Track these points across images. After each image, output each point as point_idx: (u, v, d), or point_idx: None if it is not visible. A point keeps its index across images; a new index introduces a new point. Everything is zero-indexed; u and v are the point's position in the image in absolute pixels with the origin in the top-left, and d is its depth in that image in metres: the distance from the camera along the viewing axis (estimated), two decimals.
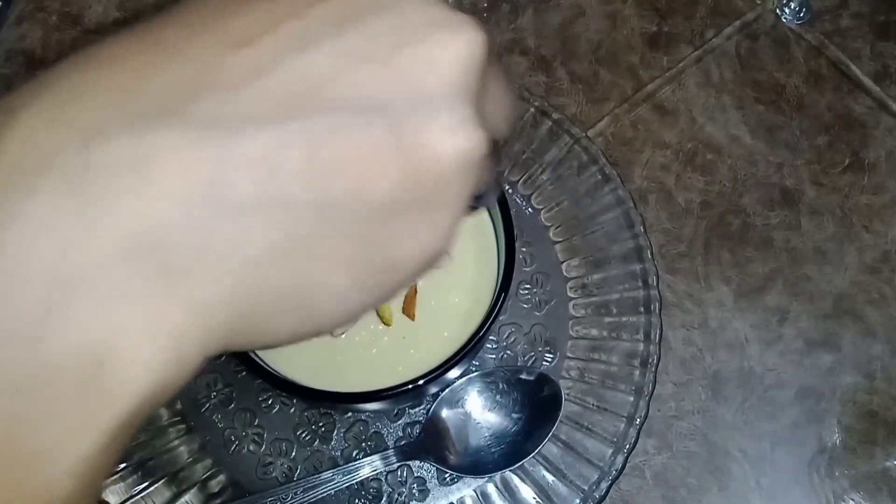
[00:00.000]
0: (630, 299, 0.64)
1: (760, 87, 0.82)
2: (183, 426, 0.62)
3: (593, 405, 0.62)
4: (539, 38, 0.83)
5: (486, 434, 0.63)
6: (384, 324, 0.59)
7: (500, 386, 0.64)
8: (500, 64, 0.33)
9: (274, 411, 0.63)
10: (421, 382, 0.55)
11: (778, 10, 0.86)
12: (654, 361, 0.65)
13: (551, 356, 0.65)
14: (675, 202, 0.76)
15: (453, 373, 0.58)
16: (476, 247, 0.63)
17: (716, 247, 0.74)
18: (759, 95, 0.81)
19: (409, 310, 0.60)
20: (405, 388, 0.55)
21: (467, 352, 0.56)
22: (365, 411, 0.66)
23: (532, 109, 0.73)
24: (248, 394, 0.63)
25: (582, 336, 0.65)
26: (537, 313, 0.69)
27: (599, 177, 0.68)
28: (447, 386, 0.63)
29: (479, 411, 0.64)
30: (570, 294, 0.67)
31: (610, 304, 0.65)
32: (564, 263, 0.67)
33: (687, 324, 0.72)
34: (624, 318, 0.64)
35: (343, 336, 0.59)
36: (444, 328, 0.60)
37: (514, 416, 0.64)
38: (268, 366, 0.57)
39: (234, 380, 0.63)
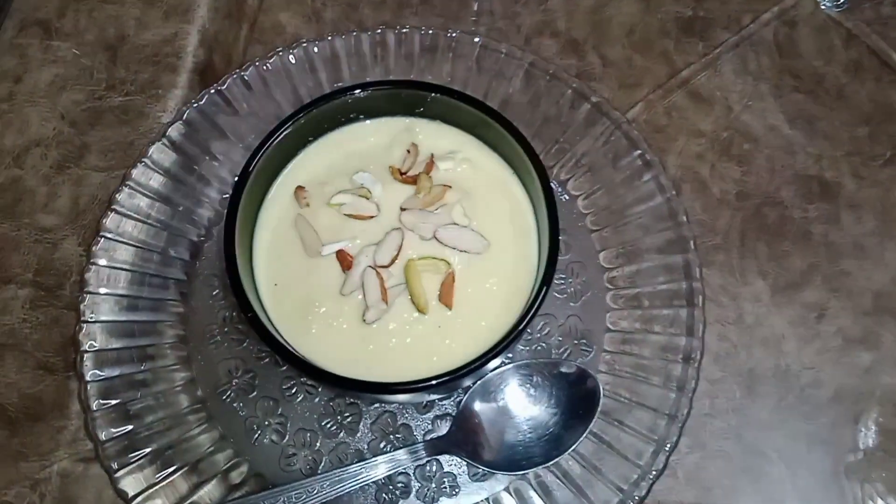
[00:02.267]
0: (671, 292, 0.60)
1: (799, 76, 0.76)
2: (203, 414, 0.58)
3: (632, 401, 0.58)
4: (570, 20, 0.78)
5: (521, 429, 0.58)
6: (419, 311, 0.54)
7: (536, 379, 0.59)
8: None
9: (298, 400, 0.59)
10: (458, 375, 0.50)
11: None
12: (698, 357, 0.60)
13: (587, 349, 0.61)
14: (710, 192, 0.71)
15: (490, 365, 0.53)
16: (514, 231, 0.58)
17: (752, 239, 0.68)
18: (798, 84, 0.76)
19: (446, 298, 0.55)
20: (442, 379, 0.50)
21: (507, 343, 0.51)
22: (393, 402, 0.61)
23: (569, 91, 0.67)
24: (270, 381, 0.59)
25: (620, 329, 0.61)
26: (573, 304, 0.64)
27: (640, 163, 0.64)
28: (481, 377, 0.57)
29: (513, 405, 0.58)
30: (608, 285, 0.63)
31: (650, 296, 0.61)
32: (602, 253, 0.64)
33: (721, 319, 0.67)
34: (664, 312, 0.60)
35: (375, 324, 0.55)
36: (481, 317, 0.55)
37: (551, 410, 0.59)
38: (295, 351, 0.52)
39: (257, 366, 0.60)
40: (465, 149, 0.58)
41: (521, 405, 0.58)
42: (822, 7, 0.78)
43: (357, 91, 0.56)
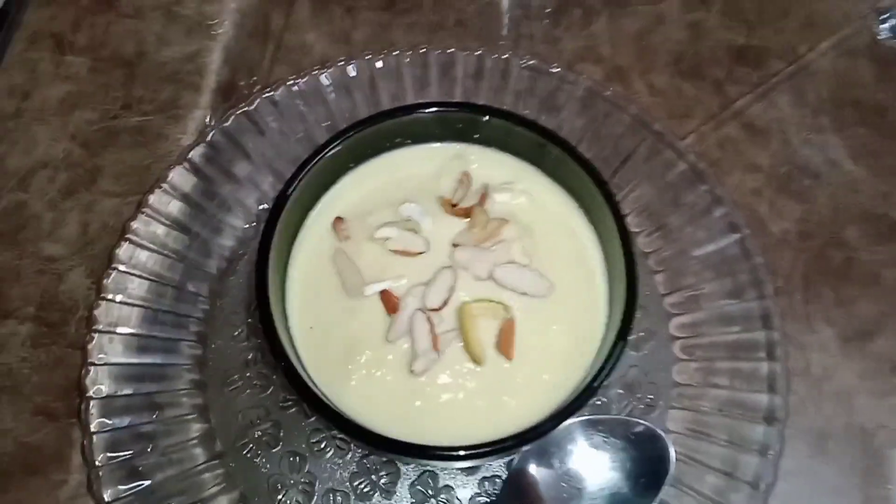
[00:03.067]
0: (747, 342, 0.55)
1: (861, 108, 0.71)
2: (221, 471, 0.52)
3: (706, 465, 0.51)
4: (614, 46, 0.73)
5: (583, 497, 0.51)
6: (474, 362, 0.48)
7: (600, 439, 0.51)
8: None
9: (327, 455, 0.53)
10: (519, 441, 0.44)
11: (875, 28, 0.74)
12: (783, 417, 0.53)
13: (652, 405, 0.55)
14: (769, 232, 0.65)
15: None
16: (578, 272, 0.52)
17: (816, 283, 0.62)
18: (860, 117, 0.70)
19: (504, 347, 0.49)
20: (500, 446, 0.44)
21: (577, 405, 0.45)
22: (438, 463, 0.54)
23: (628, 118, 0.62)
24: (297, 433, 0.54)
25: (689, 383, 0.55)
26: (634, 353, 0.57)
27: (709, 198, 0.58)
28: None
29: (576, 468, 0.50)
30: (674, 332, 0.57)
31: (723, 346, 0.55)
32: (667, 297, 0.58)
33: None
34: (741, 365, 0.54)
35: (424, 375, 0.49)
36: (543, 370, 0.49)
37: (616, 475, 0.51)
38: (334, 406, 0.46)
39: (282, 416, 0.54)
40: (522, 179, 0.54)
41: (584, 469, 0.51)
42: (880, 38, 0.74)
43: (404, 113, 0.52)
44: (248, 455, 0.53)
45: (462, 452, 0.43)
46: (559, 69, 0.62)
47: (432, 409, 0.47)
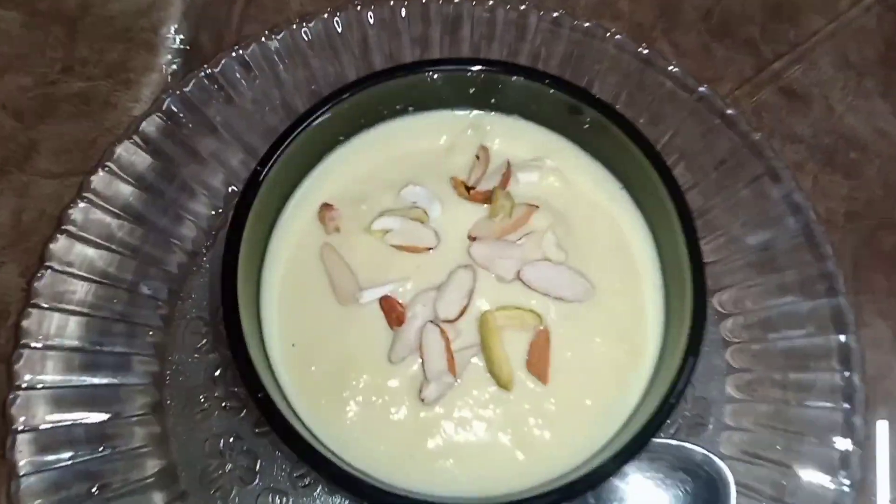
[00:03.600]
0: (817, 348, 0.50)
1: None
2: None
3: (774, 499, 0.47)
4: (634, 0, 0.67)
5: None
6: (500, 387, 0.43)
7: (643, 469, 0.45)
8: None
9: (315, 493, 0.48)
10: (564, 495, 0.37)
11: None
12: (862, 440, 0.47)
13: (702, 424, 0.50)
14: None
15: None
16: (623, 269, 0.46)
17: (867, 270, 0.58)
18: None
19: (537, 366, 0.43)
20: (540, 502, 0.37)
21: (640, 443, 0.37)
22: None
23: (668, 81, 0.56)
24: (277, 466, 0.49)
25: (744, 397, 0.50)
26: None
27: (766, 176, 0.54)
28: None
29: None
30: (727, 336, 0.52)
31: (786, 353, 0.50)
32: (717, 294, 0.52)
33: None
34: (808, 375, 0.49)
35: (438, 405, 0.43)
36: (585, 394, 0.43)
37: None
38: (319, 443, 0.40)
39: (258, 444, 0.49)
40: (552, 154, 0.49)
41: None
42: None
43: (407, 73, 0.47)
44: (218, 495, 0.48)
45: None
46: (588, 23, 0.58)
47: (448, 449, 0.42)
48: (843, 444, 0.47)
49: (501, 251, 0.45)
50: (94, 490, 0.46)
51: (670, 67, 0.57)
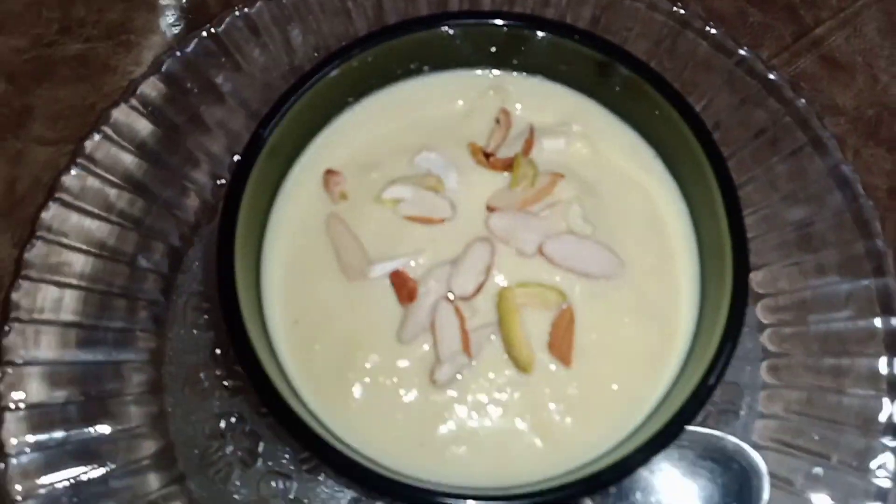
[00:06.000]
0: (861, 331, 0.48)
1: None
2: (182, 501, 0.46)
3: (807, 493, 0.45)
4: None
5: None
6: (519, 369, 0.41)
7: (683, 460, 0.43)
8: None
9: (320, 478, 0.47)
10: (585, 487, 0.35)
11: None
12: None
13: (734, 411, 0.48)
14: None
15: None
16: (656, 244, 0.44)
17: None
18: None
19: (560, 348, 0.40)
20: (558, 495, 0.35)
21: (671, 434, 0.35)
22: None
23: (705, 43, 0.53)
24: (280, 448, 0.48)
25: (780, 383, 0.49)
26: None
27: (810, 147, 0.51)
28: None
29: (638, 497, 0.43)
30: (761, 318, 0.50)
31: (827, 336, 0.48)
32: (755, 273, 0.50)
33: None
34: (850, 361, 0.47)
35: (451, 388, 0.41)
36: (612, 378, 0.41)
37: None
38: (324, 427, 0.39)
39: (261, 425, 0.48)
40: (580, 118, 0.47)
41: (652, 497, 0.43)
42: None
43: (421, 28, 0.44)
44: (218, 477, 0.47)
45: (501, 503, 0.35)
46: None
47: (461, 435, 0.40)
48: (883, 434, 0.45)
49: (523, 223, 0.44)
50: (87, 471, 0.45)
51: (707, 28, 0.54)
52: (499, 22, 0.45)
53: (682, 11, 0.55)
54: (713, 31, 0.54)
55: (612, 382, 0.41)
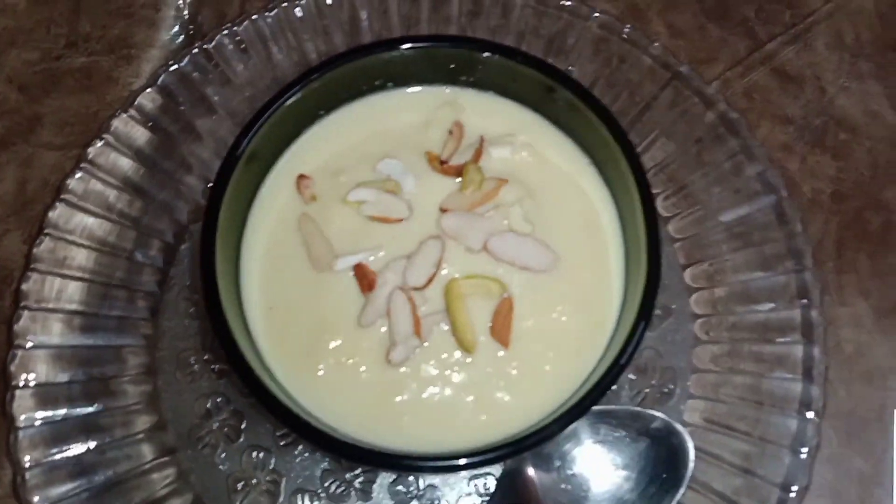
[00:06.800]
0: (781, 321, 0.50)
1: None
2: (172, 470, 0.49)
3: (731, 465, 0.48)
4: None
5: (586, 500, 0.46)
6: (463, 350, 0.44)
7: (606, 435, 0.47)
8: None
9: (295, 451, 0.49)
10: (516, 448, 0.39)
11: None
12: (820, 410, 0.47)
13: (668, 393, 0.51)
14: (800, 191, 0.60)
15: None
16: (589, 242, 0.47)
17: (851, 250, 0.58)
18: None
19: (500, 332, 0.44)
20: (493, 454, 0.39)
21: (587, 404, 0.39)
22: None
23: (648, 60, 0.55)
24: (261, 425, 0.50)
25: (711, 368, 0.51)
26: (649, 333, 0.50)
27: (741, 154, 0.54)
28: None
29: (580, 467, 0.46)
30: (695, 310, 0.53)
31: (752, 326, 0.51)
32: (689, 269, 0.53)
33: None
34: (772, 348, 0.50)
35: (404, 366, 0.44)
36: (545, 359, 0.44)
37: (624, 475, 0.46)
38: (293, 401, 0.41)
39: (244, 405, 0.50)
40: (525, 130, 0.50)
41: (589, 468, 0.46)
42: None
43: (384, 49, 0.47)
44: (205, 450, 0.50)
45: (446, 463, 0.38)
46: (570, 2, 0.57)
47: (413, 407, 0.43)
48: (801, 414, 0.48)
49: (470, 223, 0.46)
50: (88, 443, 0.48)
51: (652, 45, 0.56)
52: (452, 45, 0.48)
53: (628, 30, 0.56)
54: (657, 51, 0.56)
55: (545, 364, 0.44)
